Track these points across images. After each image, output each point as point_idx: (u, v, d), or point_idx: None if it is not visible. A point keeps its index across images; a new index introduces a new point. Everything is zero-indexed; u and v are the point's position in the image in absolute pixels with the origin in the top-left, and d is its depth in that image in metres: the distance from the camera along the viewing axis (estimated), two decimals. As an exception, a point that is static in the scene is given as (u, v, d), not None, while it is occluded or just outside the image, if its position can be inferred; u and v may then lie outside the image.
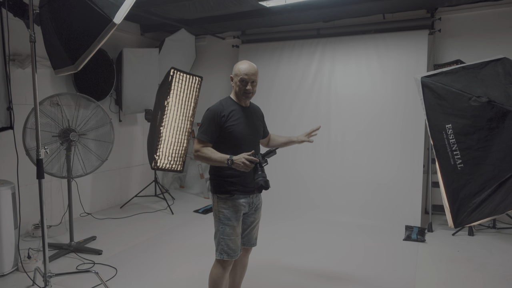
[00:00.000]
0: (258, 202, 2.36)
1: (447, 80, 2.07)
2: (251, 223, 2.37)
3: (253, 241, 2.43)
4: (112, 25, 2.00)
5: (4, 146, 3.72)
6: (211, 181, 2.29)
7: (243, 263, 2.49)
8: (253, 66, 2.21)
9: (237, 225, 2.23)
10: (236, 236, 2.22)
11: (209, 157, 2.12)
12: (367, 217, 4.52)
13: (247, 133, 2.23)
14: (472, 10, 4.52)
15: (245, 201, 2.24)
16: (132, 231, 4.19)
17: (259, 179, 1.97)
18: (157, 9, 4.41)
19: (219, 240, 2.22)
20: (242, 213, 2.25)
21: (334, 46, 5.05)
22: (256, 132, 2.33)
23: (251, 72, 2.18)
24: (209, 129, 2.18)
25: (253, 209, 2.33)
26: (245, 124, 2.23)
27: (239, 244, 2.25)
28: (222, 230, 2.21)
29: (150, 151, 4.79)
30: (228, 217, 2.20)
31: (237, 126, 2.19)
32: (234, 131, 2.18)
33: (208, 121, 2.20)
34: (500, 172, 1.86)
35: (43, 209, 2.46)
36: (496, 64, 2.06)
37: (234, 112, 2.21)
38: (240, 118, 2.21)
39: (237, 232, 2.23)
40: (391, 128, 4.66)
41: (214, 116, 2.19)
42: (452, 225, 2.05)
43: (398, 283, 2.98)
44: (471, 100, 1.93)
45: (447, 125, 1.99)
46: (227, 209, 2.20)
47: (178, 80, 4.71)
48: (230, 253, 2.21)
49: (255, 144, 2.32)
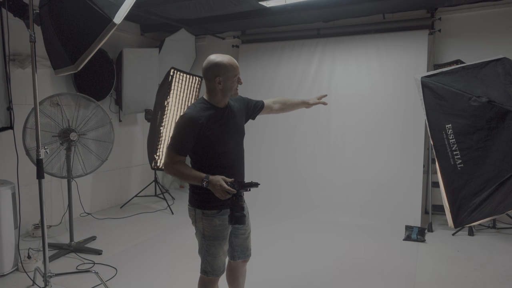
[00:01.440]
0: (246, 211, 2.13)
1: (447, 80, 2.07)
2: (242, 234, 2.14)
3: (248, 252, 2.20)
4: (112, 25, 2.00)
5: (4, 146, 3.72)
6: (193, 194, 1.97)
7: (242, 272, 2.29)
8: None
9: (224, 243, 2.00)
10: (223, 254, 2.02)
11: (181, 173, 1.85)
12: (367, 217, 4.52)
13: (231, 140, 1.97)
14: (472, 10, 4.52)
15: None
16: (132, 231, 4.19)
17: (237, 213, 1.77)
18: (157, 9, 4.41)
19: (204, 259, 2.01)
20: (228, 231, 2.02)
21: (334, 46, 5.05)
22: (239, 132, 2.04)
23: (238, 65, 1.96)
24: (184, 140, 1.87)
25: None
26: (226, 127, 1.95)
27: (225, 260, 2.06)
28: (207, 249, 1.98)
29: (150, 151, 4.79)
30: (215, 236, 1.94)
31: (218, 133, 1.91)
32: (217, 141, 1.90)
33: (184, 131, 1.86)
34: (500, 172, 1.86)
35: (43, 209, 2.46)
36: (496, 64, 2.06)
37: (213, 118, 1.91)
38: (219, 121, 1.93)
39: (224, 250, 2.01)
40: (391, 128, 4.66)
41: (190, 125, 1.85)
42: (452, 225, 2.05)
43: (398, 283, 2.98)
44: (471, 100, 1.93)
45: (447, 125, 1.99)
46: (213, 227, 1.93)
47: (178, 80, 4.71)
48: (215, 272, 2.01)
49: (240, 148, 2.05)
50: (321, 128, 5.01)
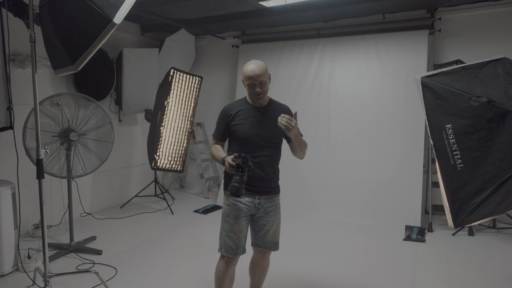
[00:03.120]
0: (268, 205, 2.27)
1: (447, 80, 2.07)
2: (263, 226, 2.30)
3: (270, 245, 2.34)
4: (112, 25, 2.00)
5: (4, 146, 3.72)
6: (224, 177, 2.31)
7: (260, 265, 2.45)
8: (259, 67, 2.13)
9: (235, 223, 2.20)
10: (234, 234, 2.21)
11: (213, 154, 2.25)
12: (367, 217, 4.52)
13: (252, 133, 2.18)
14: (472, 10, 4.52)
15: (249, 201, 2.21)
16: (132, 231, 4.19)
17: (234, 183, 1.94)
18: (157, 9, 4.41)
19: (220, 234, 2.27)
20: (244, 213, 2.21)
21: (334, 46, 5.05)
22: (267, 132, 2.21)
23: (256, 74, 2.11)
24: (219, 127, 2.30)
25: (262, 212, 2.26)
26: (252, 124, 2.19)
27: (238, 243, 2.22)
28: (222, 225, 2.26)
29: (150, 151, 4.79)
30: (227, 213, 2.23)
31: (241, 126, 2.19)
32: (237, 131, 2.20)
33: (219, 119, 2.30)
34: (500, 172, 1.86)
35: (43, 209, 2.46)
36: (496, 64, 2.06)
37: (242, 112, 2.22)
38: (247, 118, 2.20)
39: (235, 230, 2.20)
40: (391, 128, 4.66)
41: (223, 115, 2.28)
42: (452, 225, 2.05)
43: (398, 283, 2.98)
44: (471, 100, 1.93)
45: (447, 125, 1.99)
46: (228, 206, 2.23)
47: (178, 80, 4.71)
48: (228, 249, 2.21)
49: (265, 145, 2.21)
50: (321, 128, 5.01)
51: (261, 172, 2.20)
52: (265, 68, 2.16)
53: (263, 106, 2.25)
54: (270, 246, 2.35)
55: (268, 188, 2.27)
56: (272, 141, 2.25)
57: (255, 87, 2.15)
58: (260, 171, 2.19)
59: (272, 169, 2.29)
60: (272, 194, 2.31)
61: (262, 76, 2.12)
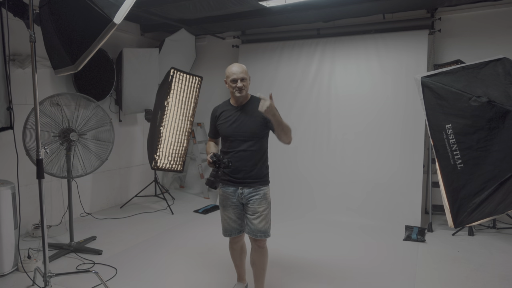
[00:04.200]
0: (252, 195, 2.48)
1: (447, 80, 2.07)
2: (249, 214, 2.52)
3: (256, 232, 2.50)
4: (112, 25, 2.00)
5: (4, 146, 3.72)
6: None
7: (255, 251, 2.60)
8: (241, 66, 2.47)
9: (224, 210, 2.59)
10: (224, 220, 2.61)
11: (206, 151, 2.67)
12: (367, 217, 4.52)
13: (232, 131, 2.47)
14: (472, 10, 4.52)
15: (233, 191, 2.52)
16: (132, 231, 4.19)
17: (209, 178, 2.30)
18: (157, 9, 4.41)
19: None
20: (230, 202, 2.54)
21: (334, 46, 5.05)
22: (246, 128, 2.46)
23: (239, 71, 2.43)
24: (210, 127, 2.67)
25: (246, 201, 2.50)
26: (232, 123, 2.48)
27: (227, 226, 2.60)
28: (220, 212, 2.66)
29: (150, 151, 4.79)
30: (220, 202, 2.64)
31: (223, 125, 2.52)
32: (220, 129, 2.55)
33: (210, 120, 2.67)
34: (500, 172, 1.86)
35: (43, 209, 2.46)
36: (496, 64, 2.06)
37: (225, 113, 2.54)
38: (228, 117, 2.51)
39: (224, 216, 2.60)
40: (391, 128, 4.66)
41: (211, 116, 2.64)
42: (452, 225, 2.05)
43: (398, 283, 2.98)
44: (471, 100, 1.93)
45: (447, 125, 1.99)
46: (220, 195, 2.62)
47: (178, 80, 4.71)
48: (223, 231, 2.65)
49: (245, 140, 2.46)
50: (321, 127, 5.00)
51: (241, 165, 2.47)
52: (245, 68, 2.49)
53: (242, 105, 2.52)
54: (256, 233, 2.51)
55: (249, 179, 2.49)
56: (252, 136, 2.47)
57: (237, 81, 2.43)
58: (240, 164, 2.46)
59: (253, 161, 2.48)
60: (256, 185, 2.49)
61: (244, 73, 2.45)
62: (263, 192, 2.50)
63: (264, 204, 2.50)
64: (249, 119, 2.47)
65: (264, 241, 2.55)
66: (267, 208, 2.51)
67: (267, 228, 2.51)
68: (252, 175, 2.48)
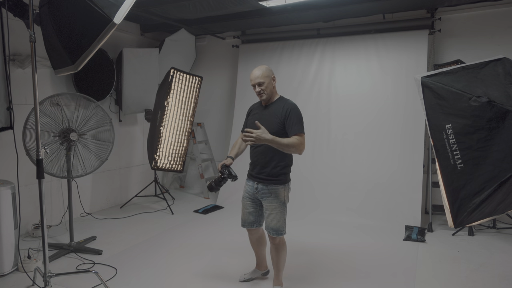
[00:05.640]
0: (265, 191, 2.61)
1: (447, 80, 2.07)
2: (264, 210, 2.68)
3: (268, 229, 2.64)
4: (112, 25, 2.00)
5: (4, 146, 3.72)
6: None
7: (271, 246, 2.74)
8: (259, 70, 2.58)
9: (243, 201, 2.77)
10: (242, 211, 2.78)
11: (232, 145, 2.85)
12: (367, 217, 4.52)
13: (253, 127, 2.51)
14: (472, 10, 4.52)
15: (251, 185, 2.70)
16: (132, 231, 4.19)
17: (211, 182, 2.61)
18: (157, 9, 4.41)
19: None
20: (248, 194, 2.73)
21: (334, 46, 5.05)
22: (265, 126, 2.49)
23: (254, 77, 2.57)
24: (244, 122, 2.87)
25: (259, 196, 2.65)
26: (255, 119, 2.56)
27: (244, 217, 2.77)
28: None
29: (150, 151, 4.79)
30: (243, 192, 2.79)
31: (249, 121, 2.75)
32: (248, 125, 2.75)
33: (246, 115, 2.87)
34: (500, 172, 1.86)
35: (43, 209, 2.46)
36: (496, 64, 2.06)
37: (253, 110, 2.79)
38: (255, 114, 2.72)
39: (242, 207, 2.78)
40: (391, 128, 4.66)
41: (247, 112, 2.87)
42: (452, 225, 2.05)
43: (398, 283, 2.98)
44: (471, 100, 1.93)
45: (447, 125, 1.99)
46: (244, 186, 2.78)
47: (178, 80, 4.71)
48: (241, 221, 2.81)
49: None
50: (321, 127, 5.01)
51: (257, 160, 2.64)
52: (265, 71, 2.57)
53: (267, 105, 2.68)
54: (269, 230, 2.64)
55: (263, 175, 2.61)
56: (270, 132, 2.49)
57: (255, 87, 2.60)
58: (256, 159, 2.65)
59: (267, 158, 2.59)
60: (268, 183, 2.59)
61: (259, 78, 2.56)
62: (275, 191, 2.59)
63: (274, 203, 2.60)
64: (269, 118, 2.60)
65: (277, 239, 2.65)
66: (277, 207, 2.60)
67: (279, 227, 2.61)
68: (265, 172, 2.60)
